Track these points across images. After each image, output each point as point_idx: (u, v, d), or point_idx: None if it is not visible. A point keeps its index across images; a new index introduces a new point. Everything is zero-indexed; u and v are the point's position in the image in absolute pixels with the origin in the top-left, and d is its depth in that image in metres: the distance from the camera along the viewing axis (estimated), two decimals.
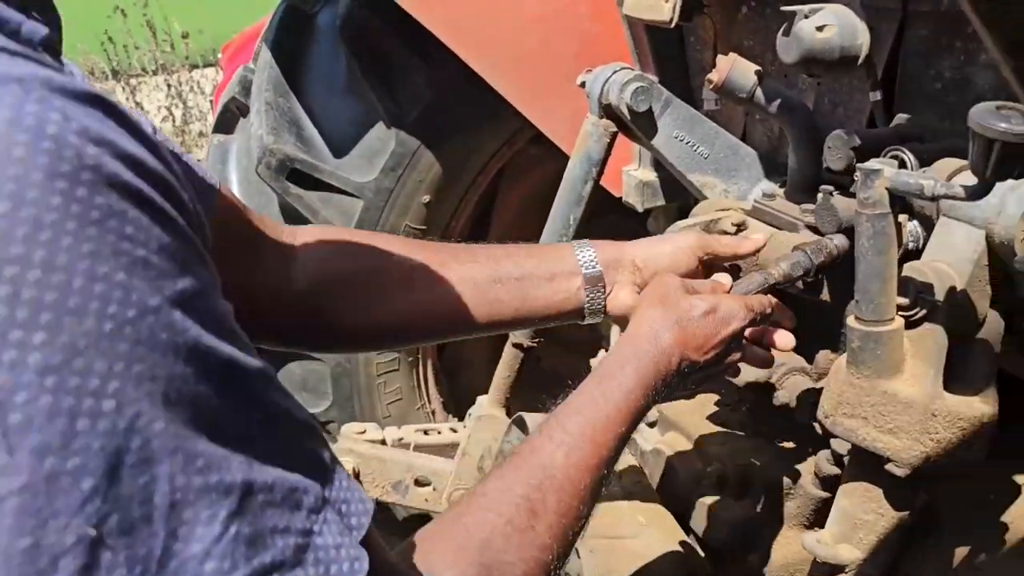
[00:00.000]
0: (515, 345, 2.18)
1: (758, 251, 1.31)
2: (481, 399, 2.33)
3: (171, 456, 0.52)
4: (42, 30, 0.57)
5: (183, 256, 0.56)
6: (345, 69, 2.37)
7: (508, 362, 2.23)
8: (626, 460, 1.81)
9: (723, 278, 1.24)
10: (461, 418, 2.57)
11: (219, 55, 6.49)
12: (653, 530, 1.62)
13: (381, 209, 2.45)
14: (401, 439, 2.36)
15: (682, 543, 1.63)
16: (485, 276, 1.23)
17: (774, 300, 1.22)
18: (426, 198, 2.50)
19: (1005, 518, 1.49)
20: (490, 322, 1.24)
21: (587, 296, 1.24)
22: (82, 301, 0.49)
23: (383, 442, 2.29)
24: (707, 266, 1.32)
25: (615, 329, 2.64)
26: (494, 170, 2.63)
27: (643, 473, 1.78)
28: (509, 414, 2.25)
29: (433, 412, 2.83)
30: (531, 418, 2.04)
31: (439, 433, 2.41)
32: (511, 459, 0.93)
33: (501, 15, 2.17)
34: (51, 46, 0.60)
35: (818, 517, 1.54)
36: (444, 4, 2.15)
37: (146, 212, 0.54)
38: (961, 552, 1.50)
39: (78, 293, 0.49)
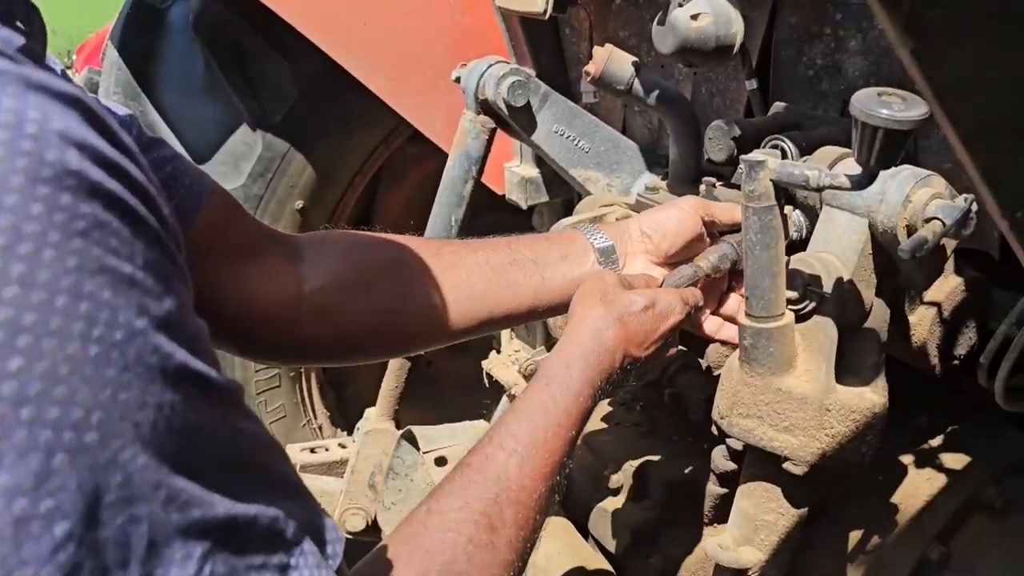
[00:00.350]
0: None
1: None
2: (369, 412, 2.23)
3: (153, 493, 0.48)
4: (18, 40, 0.52)
5: (166, 273, 0.52)
6: (202, 68, 2.21)
7: (395, 372, 2.14)
8: None
9: (655, 272, 1.21)
10: (351, 432, 2.45)
11: (74, 56, 6.08)
12: (553, 540, 1.56)
13: None
14: None
15: (583, 551, 1.58)
16: (500, 259, 1.17)
17: (699, 295, 1.19)
18: (299, 204, 2.36)
19: (894, 499, 1.51)
20: (511, 310, 1.17)
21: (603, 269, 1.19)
22: (65, 322, 0.45)
23: None
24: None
25: (505, 332, 2.58)
26: (371, 171, 2.52)
27: None
28: (400, 426, 2.15)
29: (320, 428, 2.70)
30: (421, 431, 1.95)
31: (327, 450, 2.29)
32: (462, 471, 0.88)
33: (366, 6, 2.06)
34: (31, 56, 0.52)
35: (718, 513, 1.52)
36: None
37: (130, 224, 0.50)
38: (855, 537, 1.51)
39: (61, 313, 0.45)
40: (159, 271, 0.51)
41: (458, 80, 1.80)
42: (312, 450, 2.27)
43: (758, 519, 1.14)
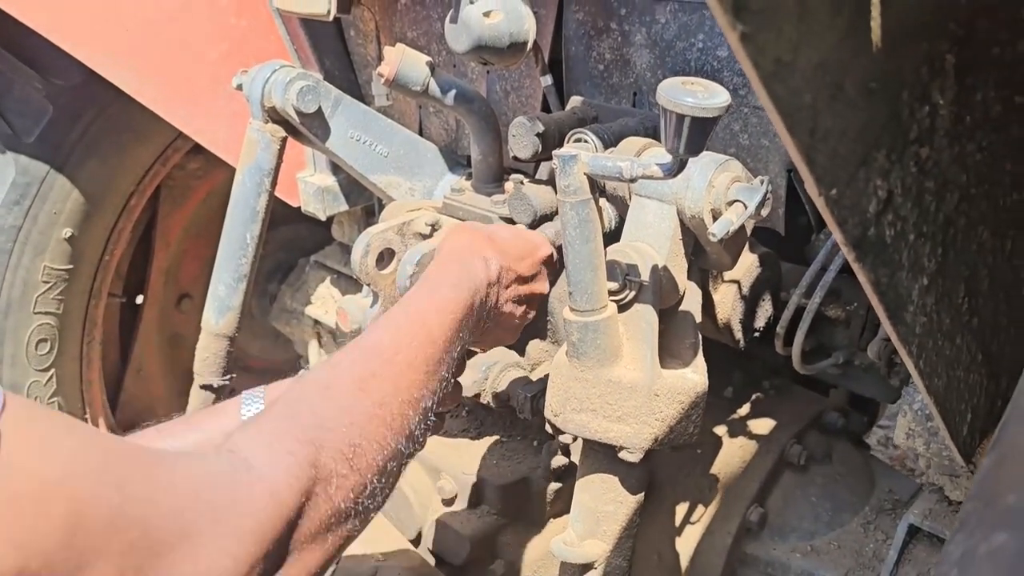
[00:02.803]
0: (203, 387, 1.92)
1: None
2: None
3: None
4: None
5: None
6: None
7: (199, 402, 1.96)
8: None
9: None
10: None
11: None
12: (391, 564, 1.50)
13: (9, 252, 2.03)
14: None
15: (422, 568, 1.53)
16: None
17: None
18: (68, 232, 2.11)
19: (713, 470, 1.59)
20: None
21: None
22: None
23: None
24: None
25: (312, 345, 2.47)
26: (149, 191, 2.30)
27: None
28: None
29: None
30: None
31: None
32: (349, 344, 0.91)
33: (126, 11, 1.87)
34: None
35: (554, 509, 1.52)
36: None
37: None
38: (682, 510, 1.57)
39: None
40: None
41: (240, 87, 1.68)
42: None
43: (599, 511, 1.14)
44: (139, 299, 2.55)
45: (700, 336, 1.17)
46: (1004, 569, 0.52)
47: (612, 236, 1.21)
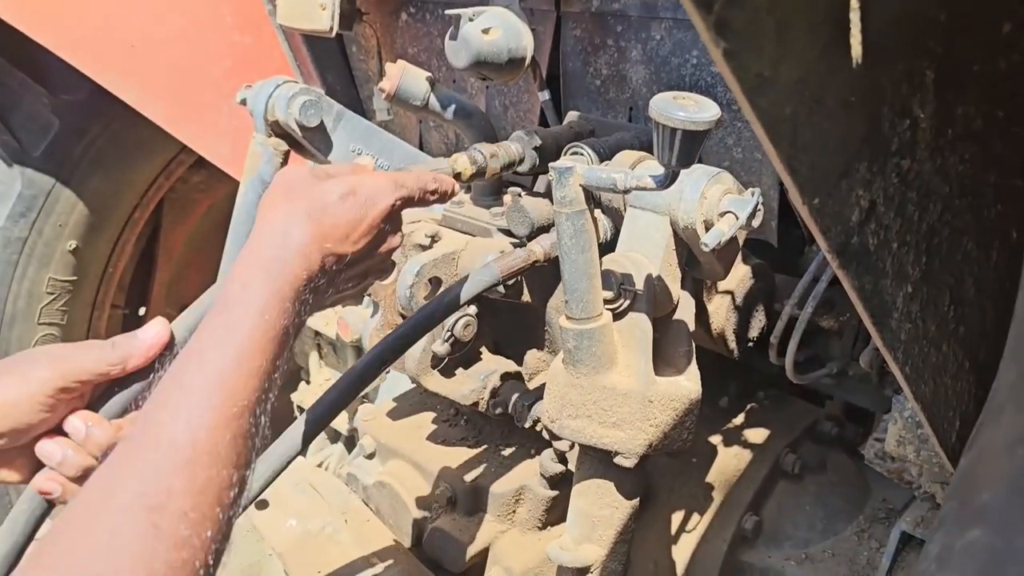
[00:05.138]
0: None
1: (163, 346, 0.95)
2: None
3: None
4: None
5: None
6: None
7: None
8: (350, 504, 1.68)
9: (364, 160, 1.02)
10: None
11: None
12: (389, 571, 1.51)
13: (15, 264, 2.06)
14: None
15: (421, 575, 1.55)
16: None
17: (442, 177, 1.01)
18: (72, 244, 2.14)
19: (709, 479, 1.60)
20: None
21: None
22: None
23: None
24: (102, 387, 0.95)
25: (313, 356, 2.48)
26: (152, 204, 2.34)
27: (369, 514, 1.66)
28: None
29: None
30: None
31: None
32: (120, 448, 0.74)
33: (134, 28, 1.91)
34: None
35: (550, 517, 1.54)
36: (59, 15, 1.84)
37: None
38: (678, 518, 1.59)
39: None
40: None
41: (244, 102, 1.71)
42: None
43: (594, 515, 1.16)
44: (142, 311, 2.58)
45: (694, 344, 1.19)
46: (979, 563, 0.54)
47: (607, 247, 1.24)
